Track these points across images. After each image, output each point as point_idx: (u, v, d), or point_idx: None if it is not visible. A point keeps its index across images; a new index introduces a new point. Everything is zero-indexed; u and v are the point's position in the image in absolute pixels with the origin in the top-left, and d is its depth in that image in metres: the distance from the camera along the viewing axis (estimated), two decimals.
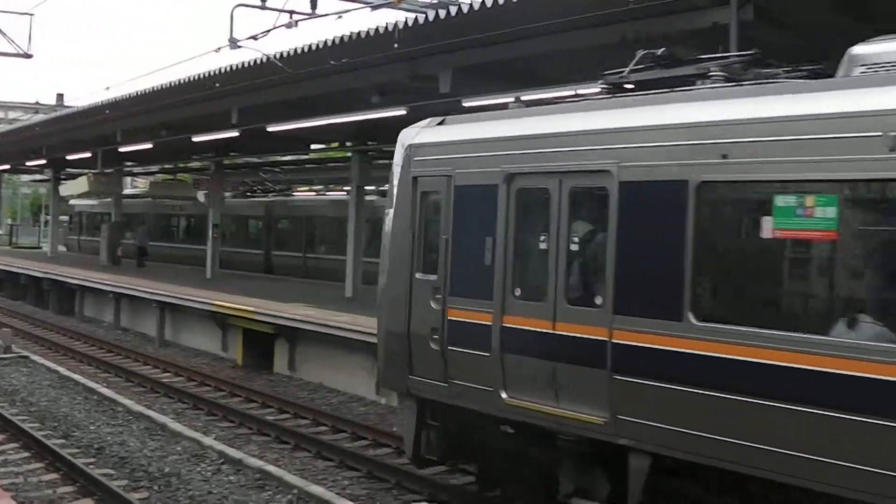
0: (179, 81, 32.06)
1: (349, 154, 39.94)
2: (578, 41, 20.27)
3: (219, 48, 25.31)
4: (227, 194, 53.74)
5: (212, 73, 29.95)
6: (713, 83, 12.43)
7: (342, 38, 23.61)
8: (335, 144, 42.65)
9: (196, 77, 30.95)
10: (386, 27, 22.35)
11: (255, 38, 24.60)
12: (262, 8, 24.73)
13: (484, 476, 15.83)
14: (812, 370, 10.22)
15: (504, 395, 13.70)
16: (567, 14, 18.97)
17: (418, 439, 15.64)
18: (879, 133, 9.91)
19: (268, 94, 30.53)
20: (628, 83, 13.79)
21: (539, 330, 13.23)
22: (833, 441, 10.01)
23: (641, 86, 13.47)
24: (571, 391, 12.82)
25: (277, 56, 25.75)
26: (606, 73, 14.12)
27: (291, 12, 23.95)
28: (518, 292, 13.68)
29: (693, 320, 11.30)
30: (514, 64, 22.77)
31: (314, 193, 58.62)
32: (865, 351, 9.87)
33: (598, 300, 12.49)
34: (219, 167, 47.91)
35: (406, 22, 22.00)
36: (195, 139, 39.39)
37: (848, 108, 10.33)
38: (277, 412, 24.27)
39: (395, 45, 22.44)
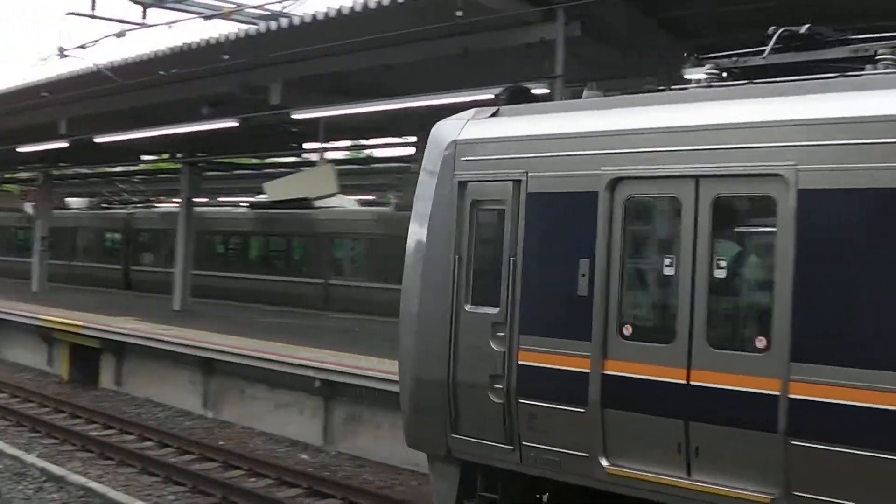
0: (5, 90, 31.35)
1: (179, 166, 39.45)
2: (413, 54, 20.36)
3: (46, 57, 24.93)
4: (83, 204, 52.38)
5: (39, 83, 29.32)
6: (884, 68, 10.07)
7: (172, 48, 23.36)
8: (166, 156, 42.09)
9: (22, 86, 30.28)
10: (216, 39, 22.18)
11: (83, 47, 24.25)
12: (92, 17, 24.37)
13: None
14: None
15: (605, 463, 10.74)
16: (395, 28, 19.05)
17: None
18: None
19: (97, 104, 29.95)
20: (753, 68, 11.21)
21: (664, 380, 10.33)
22: None
23: (779, 70, 10.84)
24: (716, 459, 9.97)
25: (107, 66, 25.35)
26: (708, 56, 11.62)
27: (122, 21, 23.66)
28: (628, 331, 10.73)
29: None
30: (350, 76, 22.81)
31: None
32: None
33: (760, 342, 9.75)
34: (47, 178, 46.87)
35: (237, 34, 21.87)
36: (20, 150, 38.41)
37: None
38: (103, 427, 23.74)
39: (225, 57, 22.26)
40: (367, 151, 38.22)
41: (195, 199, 37.95)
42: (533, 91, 15.72)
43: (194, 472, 19.10)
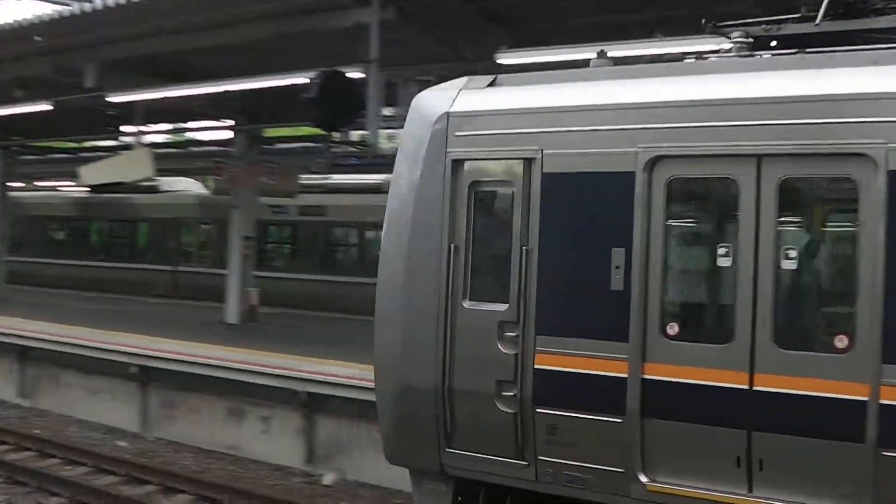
0: None
1: None
2: (233, 36, 20.18)
3: None
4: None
5: None
6: None
7: None
8: None
9: None
10: (28, 20, 21.68)
11: None
12: None
13: None
14: None
15: (643, 479, 9.62)
16: (205, 11, 18.92)
17: None
18: None
19: None
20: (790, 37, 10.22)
21: (721, 385, 9.24)
22: None
23: (829, 39, 9.86)
24: (785, 473, 9.00)
25: None
26: (733, 24, 10.56)
27: None
28: (673, 330, 9.61)
29: None
30: (162, 59, 22.55)
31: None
32: None
33: (841, 342, 8.76)
34: None
35: (50, 15, 21.43)
36: None
37: None
38: None
39: (38, 39, 21.80)
40: (190, 135, 37.64)
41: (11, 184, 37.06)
42: (349, 75, 15.80)
43: (10, 462, 18.67)
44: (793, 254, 9.07)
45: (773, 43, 10.31)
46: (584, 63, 11.21)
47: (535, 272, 10.16)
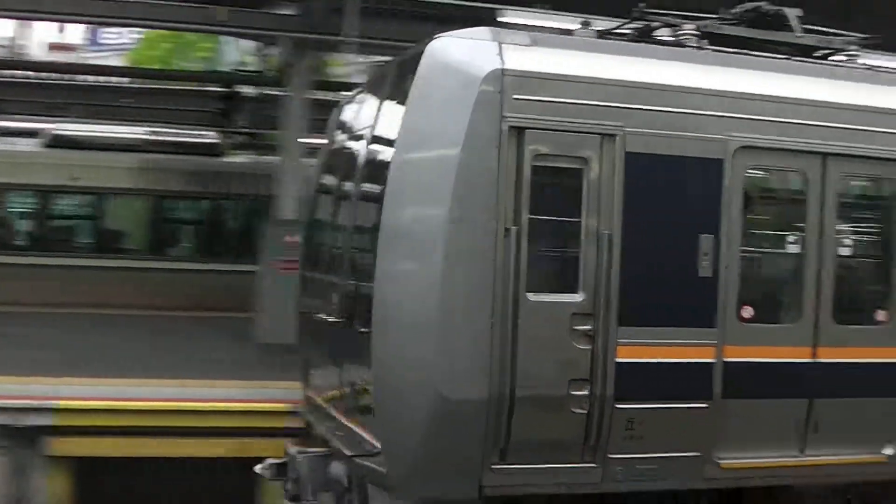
0: None
1: None
2: None
3: None
4: None
5: None
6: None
7: None
8: None
9: None
10: None
11: None
12: None
13: None
14: None
15: (719, 458, 10.06)
16: None
17: None
18: None
19: None
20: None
21: (789, 360, 10.24)
22: None
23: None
24: (835, 431, 10.31)
25: None
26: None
27: None
28: (748, 313, 10.11)
29: None
30: None
31: None
32: None
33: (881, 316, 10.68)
34: None
35: None
36: None
37: None
38: None
39: None
40: None
41: None
42: None
43: None
44: (849, 242, 10.30)
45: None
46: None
47: (616, 259, 9.52)
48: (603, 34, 10.80)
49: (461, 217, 9.15)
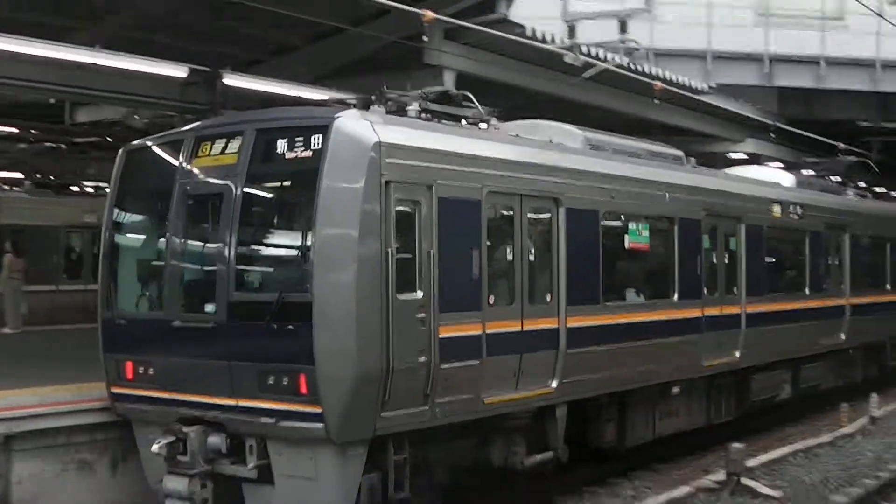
0: None
1: None
2: None
3: None
4: None
5: None
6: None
7: None
8: None
9: None
10: None
11: None
12: None
13: None
14: None
15: (484, 397, 13.95)
16: None
17: None
18: None
19: None
20: None
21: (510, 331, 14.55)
22: None
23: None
24: (532, 374, 14.73)
25: None
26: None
27: None
28: (492, 300, 14.13)
29: None
30: None
31: None
32: None
33: None
34: None
35: None
36: None
37: None
38: None
39: None
40: None
41: None
42: None
43: None
44: None
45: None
46: None
47: (435, 268, 13.06)
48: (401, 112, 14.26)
49: (363, 242, 12.09)
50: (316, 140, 12.41)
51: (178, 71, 19.03)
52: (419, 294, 12.79)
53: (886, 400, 25.07)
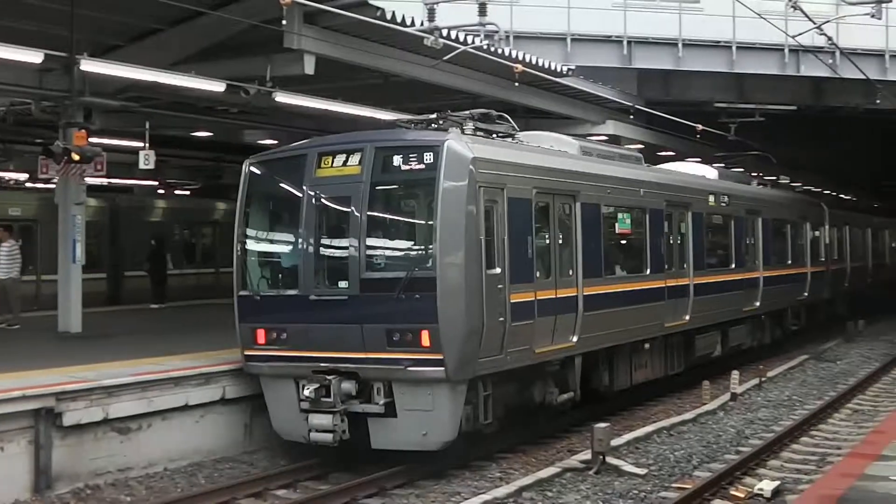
0: None
1: None
2: None
3: None
4: None
5: None
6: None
7: None
8: None
9: None
10: None
11: None
12: None
13: None
14: None
15: (535, 348, 18.00)
16: None
17: None
18: None
19: None
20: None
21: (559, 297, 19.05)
22: None
23: None
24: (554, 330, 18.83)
25: None
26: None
27: None
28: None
29: None
30: None
31: None
32: None
33: None
34: None
35: None
36: None
37: None
38: None
39: None
40: None
41: None
42: None
43: None
44: None
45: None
46: None
47: (507, 249, 17.12)
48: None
49: (468, 231, 16.12)
50: (429, 156, 16.29)
51: (34, 57, 18.68)
52: (498, 270, 16.81)
53: (773, 363, 28.75)
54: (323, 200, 16.91)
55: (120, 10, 19.85)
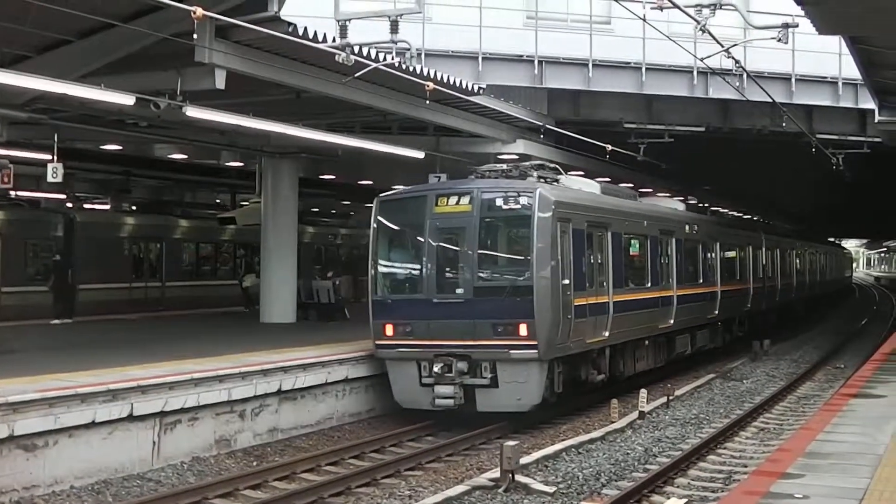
0: None
1: None
2: None
3: None
4: None
5: None
6: None
7: None
8: None
9: None
10: None
11: None
12: None
13: None
14: None
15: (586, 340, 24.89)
16: None
17: None
18: None
19: None
20: None
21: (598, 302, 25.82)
22: None
23: None
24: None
25: None
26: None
27: None
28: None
29: None
30: None
31: None
32: None
33: None
34: None
35: None
36: None
37: None
38: None
39: None
40: None
41: None
42: None
43: None
44: None
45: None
46: None
47: (571, 268, 23.71)
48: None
49: (553, 253, 22.55)
50: (525, 199, 22.80)
51: None
52: (567, 280, 23.06)
53: (680, 382, 29.78)
54: (441, 230, 23.13)
55: (29, 21, 19.57)
